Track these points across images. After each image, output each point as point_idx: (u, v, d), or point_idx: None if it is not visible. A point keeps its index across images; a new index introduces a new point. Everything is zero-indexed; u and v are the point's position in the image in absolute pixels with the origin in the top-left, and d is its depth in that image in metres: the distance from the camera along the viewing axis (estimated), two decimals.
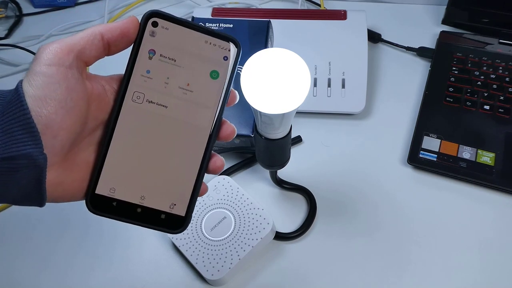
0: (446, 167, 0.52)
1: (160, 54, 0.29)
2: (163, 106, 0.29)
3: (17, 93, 0.24)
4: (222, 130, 0.31)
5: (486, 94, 0.57)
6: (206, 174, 0.31)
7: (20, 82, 0.25)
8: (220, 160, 0.31)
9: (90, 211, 0.28)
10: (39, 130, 0.24)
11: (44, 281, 0.47)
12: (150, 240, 0.49)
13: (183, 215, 0.30)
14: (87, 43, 0.27)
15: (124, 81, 0.29)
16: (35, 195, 0.26)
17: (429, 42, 0.66)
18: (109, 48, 0.28)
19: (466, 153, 0.53)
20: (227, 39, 0.30)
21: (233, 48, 0.30)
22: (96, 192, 0.28)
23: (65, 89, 0.25)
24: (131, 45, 0.29)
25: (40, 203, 0.26)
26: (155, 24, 0.29)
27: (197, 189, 0.30)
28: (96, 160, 0.29)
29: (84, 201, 0.28)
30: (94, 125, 0.28)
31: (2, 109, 0.24)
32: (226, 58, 0.30)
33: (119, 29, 0.28)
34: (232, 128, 0.31)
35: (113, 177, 0.29)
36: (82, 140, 0.28)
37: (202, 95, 0.30)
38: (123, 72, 0.29)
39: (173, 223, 0.30)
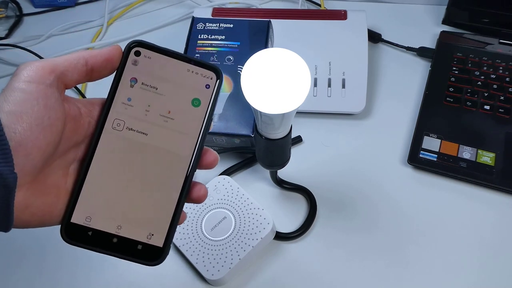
0: (446, 167, 0.52)
1: (142, 82, 0.29)
2: (143, 133, 0.29)
3: None
4: (204, 158, 0.30)
5: (486, 94, 0.57)
6: (204, 175, 0.30)
7: None
8: (203, 189, 0.30)
9: (65, 241, 0.27)
10: (12, 147, 0.23)
11: (43, 281, 0.48)
12: None
13: (161, 246, 0.29)
14: (70, 66, 0.27)
15: (105, 108, 0.29)
16: (1, 217, 0.24)
17: (429, 42, 0.66)
18: (91, 73, 0.28)
19: (466, 153, 0.53)
20: (209, 67, 0.30)
21: (214, 77, 0.30)
22: (72, 221, 0.28)
23: (43, 107, 0.25)
24: (113, 72, 0.29)
25: (6, 227, 0.24)
26: (137, 53, 0.29)
27: (176, 219, 0.29)
28: (73, 187, 0.28)
29: (59, 229, 0.28)
30: (66, 147, 0.27)
31: None
32: (208, 86, 0.30)
33: (103, 56, 0.28)
34: (215, 156, 0.31)
35: (89, 206, 0.28)
36: (53, 162, 0.27)
37: (183, 122, 0.29)
38: (101, 97, 0.29)
39: (151, 254, 0.28)
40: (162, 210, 0.29)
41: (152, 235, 0.29)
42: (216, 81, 0.30)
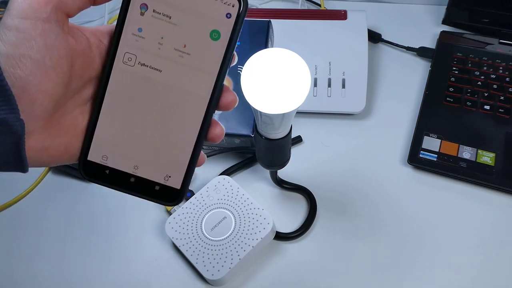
0: (446, 167, 0.52)
1: (153, 10, 0.26)
2: (157, 70, 0.26)
3: None
4: (222, 98, 0.28)
5: (486, 94, 0.57)
6: (204, 175, 0.30)
7: None
8: (219, 128, 0.28)
9: (83, 177, 0.28)
10: (15, 94, 0.22)
11: (42, 283, 0.47)
12: (150, 240, 0.49)
13: (178, 188, 0.28)
14: None
15: (114, 40, 0.26)
16: (14, 162, 0.23)
17: (429, 42, 0.66)
18: None
19: (466, 153, 0.53)
20: None
21: (237, 3, 0.26)
22: (88, 158, 0.27)
23: (43, 46, 0.22)
24: None
25: (22, 170, 0.24)
26: None
27: (194, 161, 0.28)
28: (87, 125, 0.27)
29: (78, 166, 0.27)
30: (79, 84, 0.26)
31: None
32: (229, 16, 0.26)
33: None
34: (234, 96, 0.28)
35: (105, 145, 0.27)
36: (67, 101, 0.26)
37: (200, 58, 0.26)
38: (109, 25, 0.27)
39: (168, 195, 0.28)
40: (179, 152, 0.28)
41: (170, 177, 0.28)
42: (239, 9, 0.26)
